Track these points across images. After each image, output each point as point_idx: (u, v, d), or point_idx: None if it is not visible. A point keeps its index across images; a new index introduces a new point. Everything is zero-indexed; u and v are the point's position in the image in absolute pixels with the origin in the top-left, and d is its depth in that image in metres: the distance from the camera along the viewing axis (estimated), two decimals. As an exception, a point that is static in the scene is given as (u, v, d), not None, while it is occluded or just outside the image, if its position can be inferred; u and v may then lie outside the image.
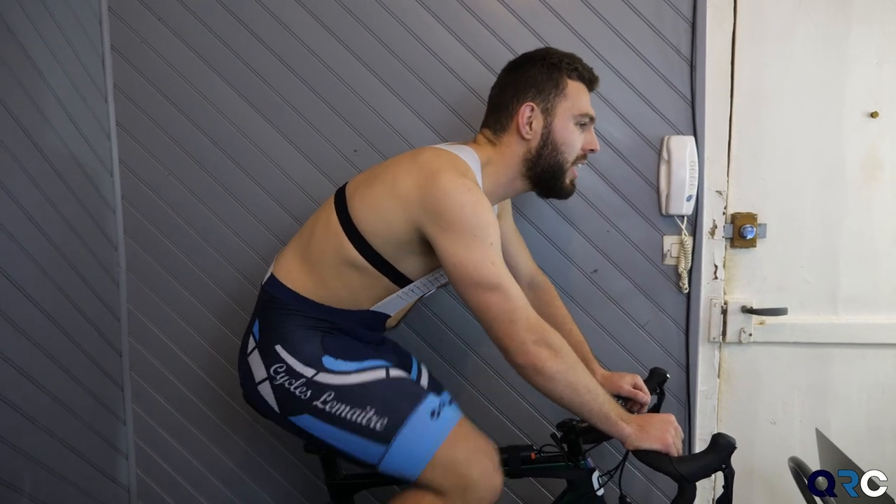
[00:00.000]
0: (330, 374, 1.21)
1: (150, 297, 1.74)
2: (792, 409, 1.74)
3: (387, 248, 1.20)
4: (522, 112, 1.26)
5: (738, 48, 1.63)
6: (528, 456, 1.37)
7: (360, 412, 1.18)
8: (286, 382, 1.22)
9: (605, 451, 1.69)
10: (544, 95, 1.27)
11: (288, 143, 1.70)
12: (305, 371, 1.21)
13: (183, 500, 1.79)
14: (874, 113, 1.63)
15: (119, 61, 1.68)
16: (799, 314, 1.70)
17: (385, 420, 1.18)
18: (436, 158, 1.19)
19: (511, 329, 1.13)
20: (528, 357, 1.13)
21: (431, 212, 1.13)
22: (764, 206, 1.68)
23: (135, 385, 1.77)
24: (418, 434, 1.18)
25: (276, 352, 1.24)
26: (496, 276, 1.12)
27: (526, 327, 1.12)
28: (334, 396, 1.19)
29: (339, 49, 1.67)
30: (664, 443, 1.15)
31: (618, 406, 1.18)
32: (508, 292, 1.12)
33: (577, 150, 1.30)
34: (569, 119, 1.28)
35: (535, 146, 1.28)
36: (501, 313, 1.13)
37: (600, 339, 1.71)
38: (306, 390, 1.20)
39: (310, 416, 1.21)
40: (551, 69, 1.28)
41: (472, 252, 1.12)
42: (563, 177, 1.31)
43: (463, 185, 1.13)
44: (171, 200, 1.72)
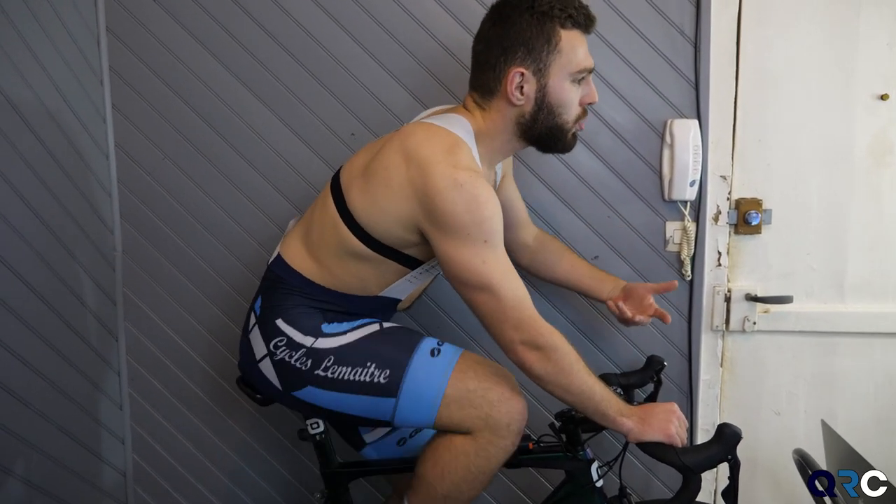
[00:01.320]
0: (327, 337, 1.19)
1: (146, 280, 1.73)
2: (797, 400, 1.70)
3: (389, 239, 1.18)
4: (511, 77, 1.14)
5: (744, 29, 1.59)
6: (527, 446, 1.35)
7: (360, 370, 1.16)
8: (286, 356, 1.20)
9: (604, 441, 1.66)
10: (535, 54, 1.14)
11: (284, 125, 1.68)
12: (305, 340, 1.19)
13: (179, 484, 1.79)
14: (884, 95, 1.59)
15: (114, 43, 1.67)
16: (805, 302, 1.66)
17: (387, 371, 1.16)
18: (426, 143, 1.12)
19: (500, 328, 1.12)
20: (516, 356, 1.12)
21: (424, 208, 1.10)
22: (769, 192, 1.64)
23: (131, 369, 1.76)
24: (423, 376, 1.16)
25: (276, 325, 1.22)
26: (486, 276, 1.09)
27: (514, 327, 1.11)
28: (334, 360, 1.17)
29: (336, 31, 1.65)
30: (667, 434, 1.13)
31: (617, 400, 1.16)
32: (499, 291, 1.10)
33: (577, 108, 1.20)
34: (564, 78, 1.16)
35: (529, 111, 1.18)
36: (490, 312, 1.11)
37: (601, 326, 1.69)
38: (307, 360, 1.18)
39: (313, 387, 1.19)
40: (542, 19, 1.13)
41: (463, 251, 1.09)
42: (563, 135, 1.21)
43: (455, 181, 1.07)
44: (167, 183, 1.71)
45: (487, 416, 1.15)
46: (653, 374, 1.46)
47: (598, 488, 1.35)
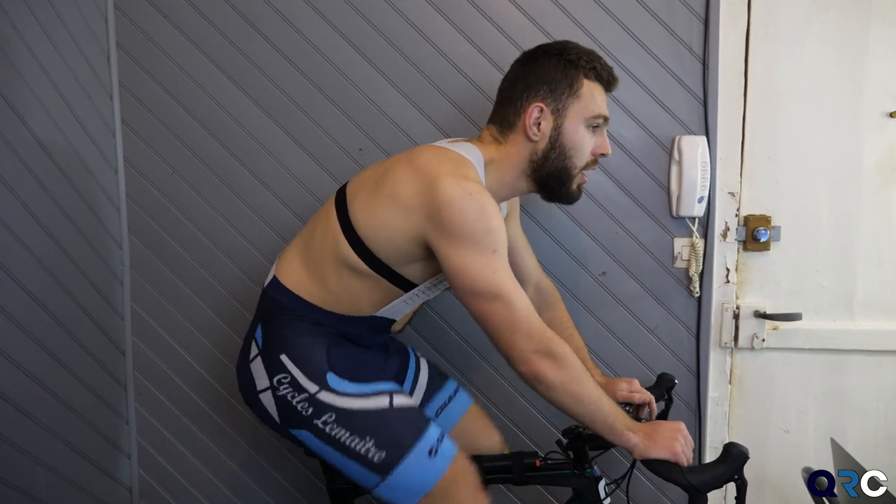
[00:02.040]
0: (333, 394, 1.18)
1: (154, 295, 1.73)
2: (806, 417, 1.69)
3: (388, 254, 1.17)
4: (531, 112, 1.19)
5: (752, 46, 1.59)
6: (533, 463, 1.34)
7: (359, 440, 1.16)
8: (289, 395, 1.19)
9: (612, 459, 1.65)
10: (556, 95, 1.19)
11: (293, 141, 1.68)
12: (309, 386, 1.19)
13: (185, 500, 1.78)
14: (893, 113, 1.59)
15: (124, 59, 1.68)
16: (814, 319, 1.65)
17: (383, 453, 1.16)
18: (435, 160, 1.14)
19: (512, 338, 1.10)
20: (529, 366, 1.11)
21: (433, 219, 1.10)
22: (778, 208, 1.63)
23: (138, 384, 1.76)
24: (415, 470, 1.17)
25: (280, 362, 1.21)
26: (497, 285, 1.09)
27: (527, 336, 1.10)
28: (335, 419, 1.17)
29: (344, 47, 1.65)
30: (672, 451, 1.12)
31: (624, 415, 1.15)
32: (510, 301, 1.09)
33: (587, 154, 1.24)
34: (580, 122, 1.21)
35: (542, 148, 1.21)
36: (502, 322, 1.10)
37: (608, 343, 1.68)
38: (308, 407, 1.18)
39: (309, 434, 1.19)
40: (567, 66, 1.20)
41: (473, 260, 1.09)
42: (569, 182, 1.24)
43: (464, 190, 1.08)
44: (176, 199, 1.71)
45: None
46: (664, 392, 1.46)
47: (606, 506, 1.34)
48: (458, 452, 1.22)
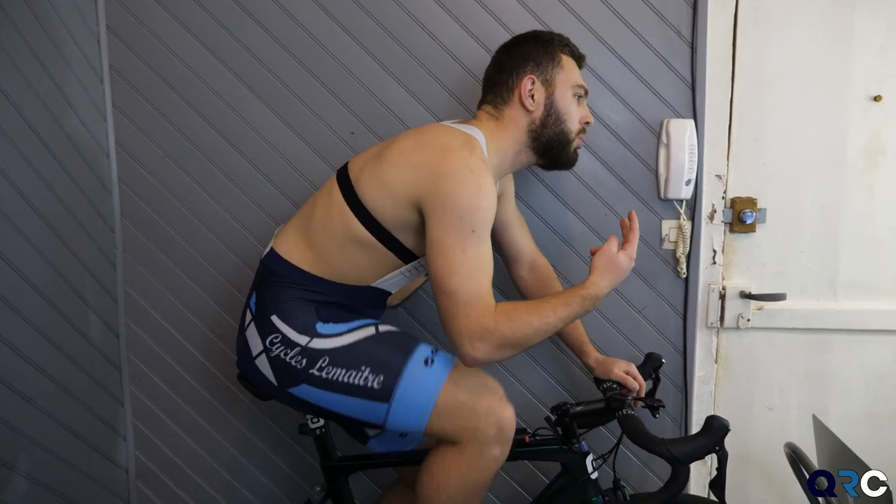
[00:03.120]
0: (322, 338, 1.22)
1: (147, 278, 1.74)
2: (789, 395, 1.73)
3: (393, 224, 1.21)
4: (524, 85, 1.29)
5: (740, 30, 1.61)
6: (522, 439, 1.38)
7: (355, 373, 1.19)
8: (282, 353, 1.22)
9: (599, 434, 1.69)
10: (542, 67, 1.30)
11: (285, 125, 1.69)
12: (300, 339, 1.22)
13: (181, 480, 1.81)
14: (877, 97, 1.61)
15: (115, 42, 1.67)
16: (798, 300, 1.69)
17: (381, 377, 1.19)
18: (445, 135, 1.21)
19: (450, 324, 1.14)
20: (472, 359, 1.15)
21: (432, 186, 1.14)
22: (764, 191, 1.66)
23: (132, 367, 1.77)
24: (416, 385, 1.20)
25: (271, 322, 1.24)
26: (451, 274, 1.12)
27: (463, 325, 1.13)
28: (329, 361, 1.20)
29: (336, 31, 1.66)
30: (624, 269, 1.23)
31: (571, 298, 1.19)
32: (455, 292, 1.12)
33: (577, 121, 1.33)
34: (567, 89, 1.31)
35: (539, 116, 1.30)
36: (444, 308, 1.15)
37: (597, 323, 1.71)
38: (301, 359, 1.21)
39: (308, 386, 1.22)
40: (546, 44, 1.32)
41: (449, 236, 1.13)
42: (569, 146, 1.34)
43: (466, 166, 1.14)
44: (168, 182, 1.72)
45: (476, 428, 1.19)
46: (651, 371, 1.49)
47: (593, 480, 1.38)
48: (458, 361, 1.24)
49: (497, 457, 1.21)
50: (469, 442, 1.19)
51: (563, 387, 1.76)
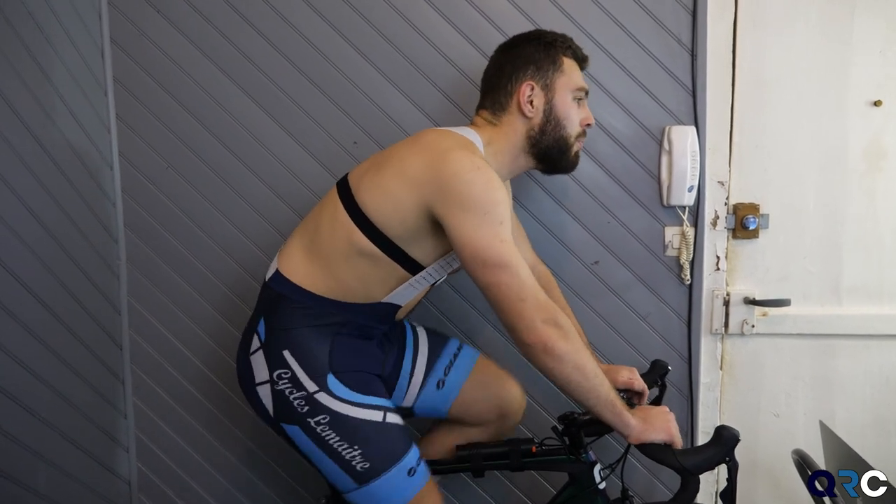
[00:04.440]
0: (331, 397, 1.22)
1: (151, 289, 1.74)
2: (795, 402, 1.72)
3: (398, 233, 1.19)
4: (523, 91, 1.27)
5: (740, 36, 1.62)
6: (529, 449, 1.37)
7: (346, 447, 1.21)
8: (287, 390, 1.22)
9: (606, 444, 1.67)
10: (542, 72, 1.28)
11: (287, 135, 1.69)
12: (309, 385, 1.22)
13: (183, 493, 1.79)
14: (878, 101, 1.62)
15: (118, 54, 1.68)
16: (802, 305, 1.68)
17: (367, 464, 1.22)
18: (442, 138, 1.20)
19: (520, 307, 1.11)
20: (538, 335, 1.11)
21: (442, 191, 1.13)
22: (766, 197, 1.66)
23: (135, 378, 1.77)
24: (392, 486, 1.23)
25: (282, 357, 1.23)
26: (506, 254, 1.11)
27: (535, 306, 1.11)
28: (328, 421, 1.21)
29: (337, 40, 1.67)
30: (669, 434, 1.15)
31: (621, 399, 1.17)
32: (518, 271, 1.11)
33: (577, 125, 1.32)
34: (568, 93, 1.30)
35: (538, 122, 1.29)
36: (510, 292, 1.11)
37: (601, 331, 1.70)
38: (304, 405, 1.22)
39: (300, 430, 1.23)
40: (547, 47, 1.29)
41: (482, 230, 1.11)
42: (568, 150, 1.32)
43: (472, 163, 1.13)
44: (171, 193, 1.72)
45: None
46: (657, 379, 1.48)
47: (601, 491, 1.36)
48: (431, 478, 1.29)
49: None
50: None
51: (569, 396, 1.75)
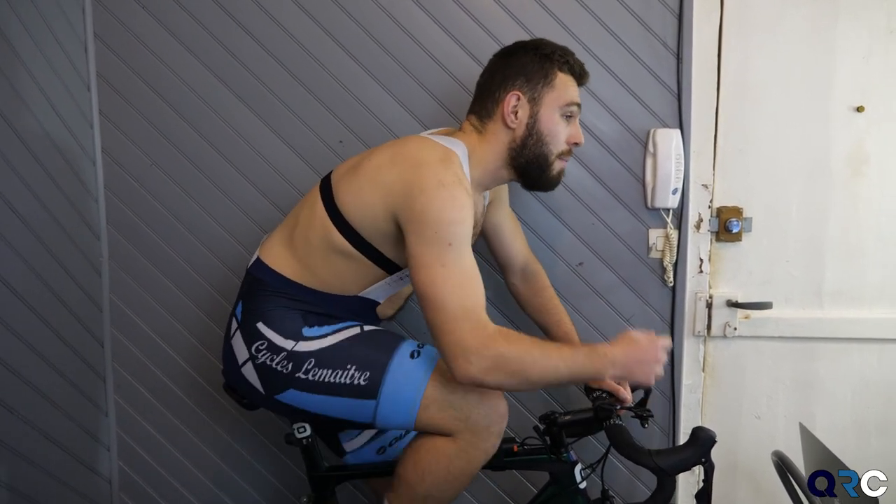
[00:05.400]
0: (308, 340, 1.21)
1: (133, 286, 1.73)
2: (776, 404, 1.74)
3: (373, 235, 1.20)
4: (508, 100, 1.25)
5: (725, 41, 1.62)
6: (511, 448, 1.37)
7: (341, 372, 1.18)
8: (268, 359, 1.22)
9: (588, 444, 1.68)
10: (532, 85, 1.25)
11: (273, 133, 1.69)
12: (286, 344, 1.21)
13: (165, 491, 1.78)
14: (860, 107, 1.63)
15: (102, 49, 1.67)
16: (784, 308, 1.69)
17: (367, 374, 1.18)
18: (422, 149, 1.19)
19: (445, 340, 1.09)
20: (463, 375, 1.09)
21: (406, 203, 1.13)
22: (749, 200, 1.67)
23: (117, 376, 1.75)
24: (403, 378, 1.18)
25: (257, 329, 1.24)
26: (436, 287, 1.09)
27: (457, 341, 1.08)
28: (314, 363, 1.19)
29: (324, 39, 1.66)
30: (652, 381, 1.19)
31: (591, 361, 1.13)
32: (443, 304, 1.08)
33: (562, 142, 1.29)
34: (555, 110, 1.26)
35: (520, 135, 1.26)
36: (437, 322, 1.10)
37: (585, 332, 1.71)
38: (287, 363, 1.20)
39: (294, 390, 1.21)
40: (543, 60, 1.26)
41: (428, 249, 1.11)
42: (548, 168, 1.29)
43: (438, 180, 1.12)
44: (155, 190, 1.71)
45: (468, 419, 1.17)
46: (642, 380, 1.48)
47: (582, 490, 1.37)
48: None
49: (488, 449, 1.20)
50: (461, 432, 1.17)
51: (551, 396, 1.75)
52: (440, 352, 1.12)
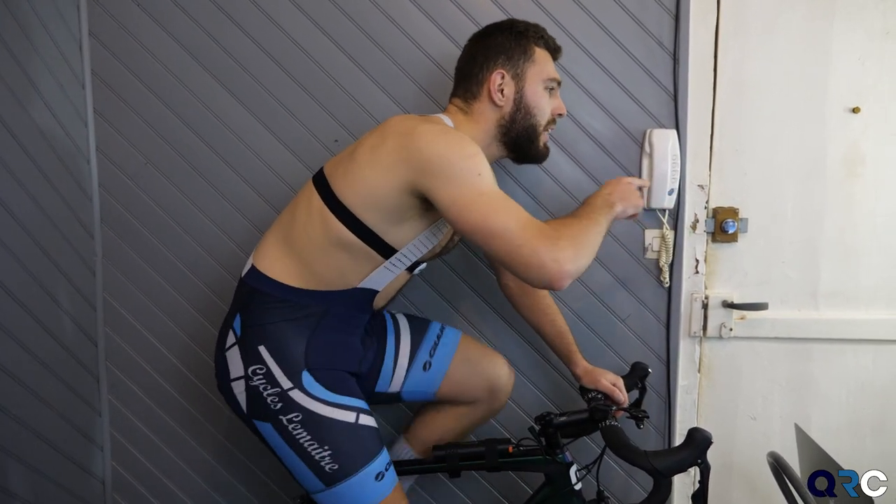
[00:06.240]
0: (305, 395, 1.22)
1: (127, 286, 1.72)
2: (772, 404, 1.74)
3: (374, 218, 1.20)
4: (493, 79, 1.29)
5: (722, 42, 1.62)
6: (506, 449, 1.37)
7: (317, 447, 1.21)
8: (261, 386, 1.22)
9: (583, 445, 1.68)
10: (514, 62, 1.30)
11: (267, 131, 1.68)
12: (283, 381, 1.22)
13: (159, 492, 1.77)
14: (856, 108, 1.63)
15: (97, 47, 1.66)
16: (779, 309, 1.69)
17: (336, 466, 1.21)
18: (406, 120, 1.22)
19: (519, 254, 1.09)
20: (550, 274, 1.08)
21: (417, 165, 1.13)
22: (745, 201, 1.67)
23: (111, 376, 1.75)
24: (359, 489, 1.23)
25: (258, 353, 1.23)
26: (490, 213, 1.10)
27: (532, 248, 1.08)
28: (301, 419, 1.21)
29: (319, 37, 1.65)
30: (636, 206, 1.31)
31: (597, 200, 1.26)
32: (504, 223, 1.09)
33: (548, 114, 1.34)
34: (538, 83, 1.31)
35: (509, 111, 1.31)
36: (504, 245, 1.10)
37: (581, 332, 1.70)
38: (278, 402, 1.21)
39: (272, 428, 1.22)
40: (519, 37, 1.31)
41: (461, 188, 1.11)
42: (537, 140, 1.35)
43: (438, 129, 1.15)
44: (149, 188, 1.70)
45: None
46: (637, 381, 1.49)
47: (577, 491, 1.37)
48: (398, 484, 1.28)
49: None
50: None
51: (547, 397, 1.75)
52: (525, 271, 1.10)
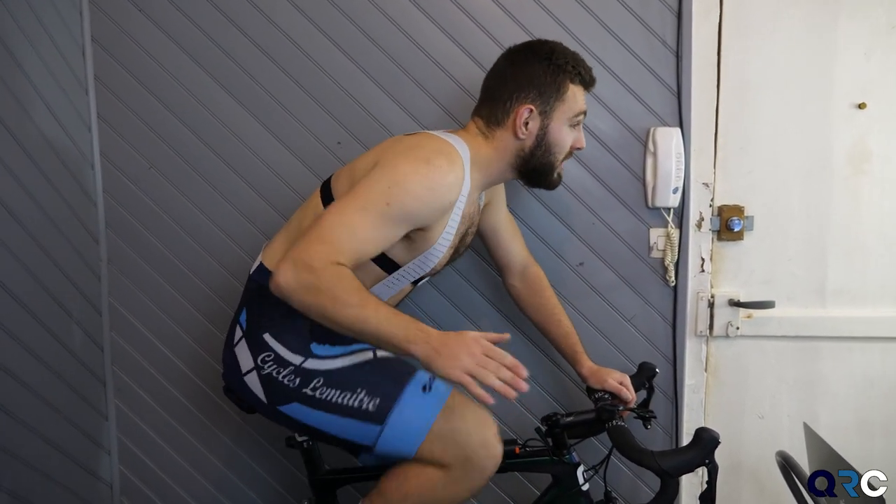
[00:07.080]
0: (318, 359, 1.21)
1: (132, 290, 1.73)
2: (780, 403, 1.73)
3: None
4: (521, 112, 1.25)
5: (725, 39, 1.62)
6: (513, 450, 1.37)
7: (350, 395, 1.18)
8: (274, 371, 1.21)
9: (590, 446, 1.67)
10: (545, 98, 1.26)
11: (271, 135, 1.68)
12: (293, 359, 1.21)
13: (166, 496, 1.78)
14: (862, 104, 1.62)
15: (100, 52, 1.67)
16: (786, 307, 1.68)
17: (377, 400, 1.18)
18: (426, 140, 1.21)
19: (297, 247, 1.07)
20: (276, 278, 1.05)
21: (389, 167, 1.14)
22: (751, 199, 1.66)
23: (117, 380, 1.75)
24: (412, 410, 1.19)
25: (263, 340, 1.23)
26: (337, 213, 1.10)
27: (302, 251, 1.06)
28: (323, 382, 1.19)
29: (323, 41, 1.65)
30: (457, 373, 1.02)
31: (405, 326, 1.04)
32: (326, 229, 1.08)
33: (567, 149, 1.32)
34: (564, 122, 1.28)
35: (529, 146, 1.28)
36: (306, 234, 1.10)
37: (586, 332, 1.70)
38: (295, 378, 1.20)
39: (299, 405, 1.21)
40: (556, 71, 1.26)
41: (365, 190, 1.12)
42: (552, 173, 1.33)
43: (426, 158, 1.14)
44: (153, 193, 1.70)
45: (466, 458, 1.18)
46: (644, 381, 1.48)
47: (585, 492, 1.36)
48: (455, 389, 1.18)
49: (474, 488, 1.22)
50: (455, 468, 1.18)
51: (553, 398, 1.75)
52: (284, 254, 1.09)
